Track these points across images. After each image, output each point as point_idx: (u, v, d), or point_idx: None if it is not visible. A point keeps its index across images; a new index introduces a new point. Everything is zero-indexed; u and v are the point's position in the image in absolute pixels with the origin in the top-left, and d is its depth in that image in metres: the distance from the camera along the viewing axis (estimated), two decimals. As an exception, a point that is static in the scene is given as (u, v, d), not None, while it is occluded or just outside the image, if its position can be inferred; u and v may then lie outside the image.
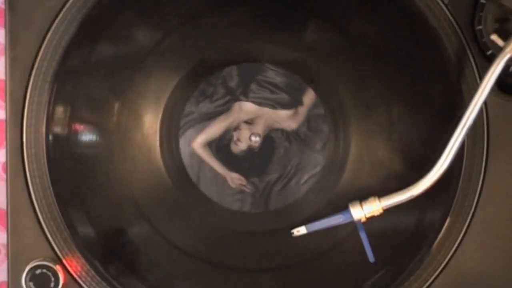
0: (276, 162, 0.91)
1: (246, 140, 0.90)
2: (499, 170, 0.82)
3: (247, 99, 0.90)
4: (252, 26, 0.91)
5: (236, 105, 0.89)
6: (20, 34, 0.81)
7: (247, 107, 0.90)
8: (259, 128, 0.90)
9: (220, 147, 0.90)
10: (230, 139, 0.90)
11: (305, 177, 0.90)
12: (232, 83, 0.89)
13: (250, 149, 0.90)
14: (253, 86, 0.89)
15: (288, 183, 0.90)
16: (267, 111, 0.90)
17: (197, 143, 0.90)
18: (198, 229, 0.89)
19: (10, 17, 0.81)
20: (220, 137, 0.90)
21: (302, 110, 0.90)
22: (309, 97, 0.90)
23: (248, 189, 0.91)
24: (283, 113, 0.90)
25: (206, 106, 0.90)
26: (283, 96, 0.90)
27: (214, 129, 0.89)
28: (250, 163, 0.91)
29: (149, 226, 0.88)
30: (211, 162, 0.90)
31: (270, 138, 0.91)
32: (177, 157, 0.90)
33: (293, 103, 0.90)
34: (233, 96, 0.90)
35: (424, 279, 0.82)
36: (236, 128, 0.89)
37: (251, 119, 0.89)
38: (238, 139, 0.89)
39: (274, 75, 0.90)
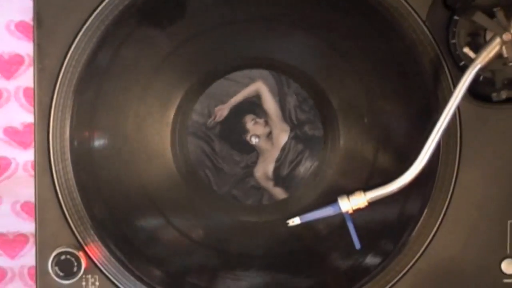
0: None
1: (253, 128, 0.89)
2: (471, 167, 0.83)
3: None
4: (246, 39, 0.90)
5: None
6: (46, 47, 0.82)
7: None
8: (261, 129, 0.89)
9: None
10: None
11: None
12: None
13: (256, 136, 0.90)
14: None
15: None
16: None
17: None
18: (207, 221, 0.89)
19: (38, 32, 0.82)
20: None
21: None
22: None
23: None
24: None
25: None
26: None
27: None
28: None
29: (161, 217, 0.87)
30: None
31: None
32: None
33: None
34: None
35: (405, 263, 0.83)
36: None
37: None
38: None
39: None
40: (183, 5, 0.87)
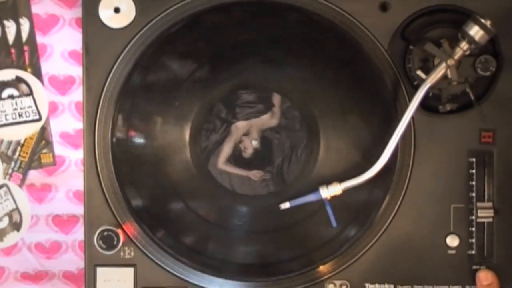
0: (276, 150, 0.90)
1: (250, 146, 0.89)
2: (422, 164, 0.84)
3: (237, 119, 0.89)
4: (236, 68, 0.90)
5: (233, 127, 0.89)
6: (92, 71, 0.83)
7: (240, 125, 0.89)
8: (254, 134, 0.90)
9: (236, 158, 0.90)
10: (240, 150, 0.89)
11: (298, 152, 0.90)
12: (223, 114, 0.88)
13: (255, 150, 0.90)
14: (237, 109, 0.89)
15: (290, 160, 0.90)
16: (254, 121, 0.89)
17: (220, 163, 0.89)
18: (220, 206, 0.90)
19: (86, 58, 0.83)
20: (233, 152, 0.89)
21: (276, 109, 0.90)
22: (276, 98, 0.90)
23: (267, 176, 0.90)
24: (265, 117, 0.90)
25: (214, 137, 0.89)
26: (259, 106, 0.90)
27: (226, 149, 0.89)
28: (260, 159, 0.90)
29: (182, 203, 0.88)
30: (235, 171, 0.90)
31: (264, 137, 0.90)
32: (209, 177, 0.89)
33: (267, 107, 0.90)
34: (228, 122, 0.89)
35: (371, 238, 0.84)
36: (240, 141, 0.89)
37: (246, 131, 0.89)
38: (245, 148, 0.89)
39: (247, 96, 0.89)
40: (195, 44, 0.87)
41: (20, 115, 0.92)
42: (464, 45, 0.80)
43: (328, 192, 0.83)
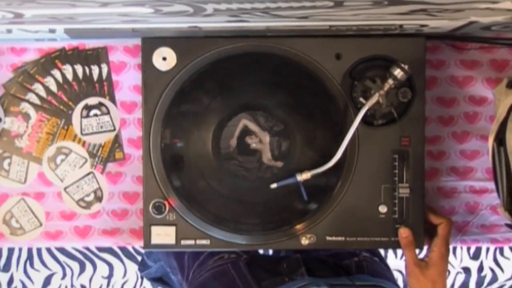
0: (268, 150, 0.87)
1: (251, 145, 0.87)
2: (363, 160, 0.85)
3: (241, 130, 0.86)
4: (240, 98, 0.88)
5: (238, 132, 0.86)
6: (148, 98, 0.84)
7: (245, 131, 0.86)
8: (254, 139, 0.87)
9: (241, 152, 0.88)
10: (244, 149, 0.87)
11: (283, 151, 0.86)
12: (231, 125, 0.86)
13: (254, 150, 0.88)
14: (240, 124, 0.86)
15: (277, 156, 0.86)
16: (253, 129, 0.87)
17: (230, 158, 0.87)
18: (230, 185, 0.88)
19: (144, 90, 0.84)
20: (238, 150, 0.87)
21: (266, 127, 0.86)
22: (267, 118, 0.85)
23: (263, 166, 0.87)
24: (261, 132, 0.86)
25: (227, 141, 0.87)
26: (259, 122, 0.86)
27: (235, 148, 0.86)
28: (258, 156, 0.88)
29: (206, 183, 0.88)
30: (241, 161, 0.87)
31: (260, 141, 0.87)
32: (223, 165, 0.87)
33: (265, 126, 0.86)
34: (234, 129, 0.87)
35: (329, 207, 0.85)
36: (245, 142, 0.87)
37: (249, 136, 0.87)
38: (248, 146, 0.87)
39: (250, 117, 0.86)
40: (213, 82, 0.87)
41: (101, 127, 0.92)
42: (390, 81, 0.81)
43: (301, 177, 0.83)
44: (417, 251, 0.84)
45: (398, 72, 0.81)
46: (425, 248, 0.86)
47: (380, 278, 0.89)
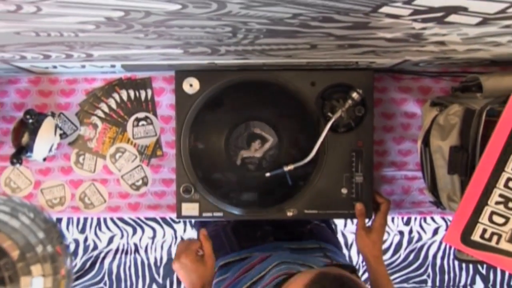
0: (264, 149, 0.84)
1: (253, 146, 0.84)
2: (330, 156, 0.83)
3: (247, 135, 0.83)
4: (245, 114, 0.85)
5: (245, 136, 0.82)
6: (179, 113, 0.83)
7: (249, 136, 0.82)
8: (256, 145, 0.84)
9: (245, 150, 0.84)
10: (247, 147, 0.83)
11: (273, 151, 0.82)
12: (241, 131, 0.83)
13: (255, 149, 0.84)
14: (247, 130, 0.83)
15: (270, 154, 0.82)
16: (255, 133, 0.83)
17: (238, 154, 0.82)
18: (238, 175, 0.85)
19: (176, 108, 0.83)
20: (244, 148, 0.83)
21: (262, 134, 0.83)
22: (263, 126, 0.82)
23: (261, 161, 0.83)
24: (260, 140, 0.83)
25: (236, 142, 0.83)
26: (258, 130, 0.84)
27: (242, 147, 0.82)
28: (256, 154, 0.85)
29: (220, 174, 0.85)
30: (245, 156, 0.83)
31: (260, 144, 0.85)
32: (233, 160, 0.83)
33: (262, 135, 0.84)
34: (241, 134, 0.83)
35: (306, 189, 0.83)
36: (249, 143, 0.82)
37: (252, 140, 0.83)
38: (250, 146, 0.83)
39: (252, 126, 0.82)
40: (227, 102, 0.85)
41: (147, 133, 0.91)
42: (349, 101, 0.81)
43: (287, 168, 0.81)
44: (366, 220, 0.83)
45: (355, 95, 0.80)
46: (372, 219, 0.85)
47: (323, 241, 0.86)
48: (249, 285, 0.72)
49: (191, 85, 0.83)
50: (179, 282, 1.74)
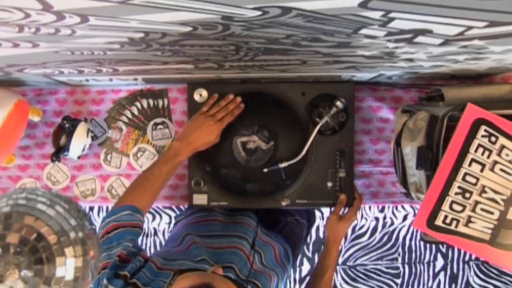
0: (261, 149, 0.81)
1: (252, 146, 0.82)
2: (318, 155, 0.82)
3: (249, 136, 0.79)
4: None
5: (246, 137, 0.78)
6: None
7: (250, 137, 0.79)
8: (251, 144, 0.81)
9: (246, 150, 0.81)
10: (248, 146, 0.80)
11: (270, 150, 0.80)
12: (245, 133, 0.79)
13: (254, 148, 0.82)
14: (251, 131, 0.80)
15: (266, 153, 0.80)
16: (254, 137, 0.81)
17: (241, 153, 0.78)
18: (241, 170, 0.82)
19: (189, 114, 0.80)
20: (245, 148, 0.80)
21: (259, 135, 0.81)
22: (262, 128, 0.79)
23: (260, 159, 0.81)
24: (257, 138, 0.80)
25: (239, 141, 0.81)
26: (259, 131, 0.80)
27: (243, 147, 0.80)
28: (256, 153, 0.82)
29: (226, 169, 0.83)
30: (246, 155, 0.80)
31: (258, 144, 0.83)
32: (235, 158, 0.81)
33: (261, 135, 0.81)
34: (243, 136, 0.80)
35: (298, 183, 0.82)
36: (250, 144, 0.79)
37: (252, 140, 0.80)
38: (251, 146, 0.80)
39: (254, 128, 0.79)
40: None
41: (163, 135, 0.89)
42: (334, 109, 0.80)
43: (282, 165, 0.79)
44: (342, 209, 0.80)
45: (338, 103, 0.79)
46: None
47: (286, 239, 0.81)
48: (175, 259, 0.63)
49: (201, 95, 0.81)
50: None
